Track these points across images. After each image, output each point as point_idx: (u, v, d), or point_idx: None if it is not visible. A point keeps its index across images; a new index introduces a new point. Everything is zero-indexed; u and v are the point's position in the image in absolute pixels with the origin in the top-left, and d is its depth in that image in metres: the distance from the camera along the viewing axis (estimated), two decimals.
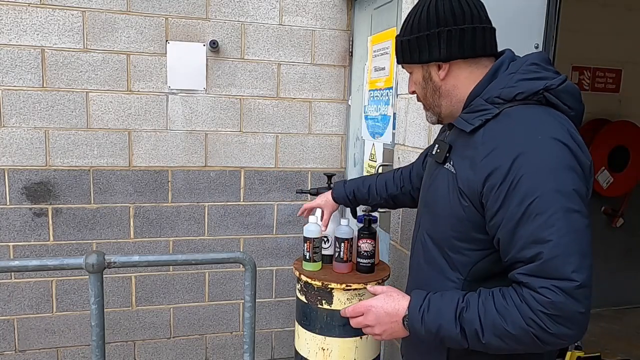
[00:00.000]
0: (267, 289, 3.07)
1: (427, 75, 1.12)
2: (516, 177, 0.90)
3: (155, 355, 2.97)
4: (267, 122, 2.93)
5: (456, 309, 0.95)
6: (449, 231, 1.06)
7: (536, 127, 0.93)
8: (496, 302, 0.92)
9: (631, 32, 3.77)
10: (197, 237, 2.92)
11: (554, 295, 0.86)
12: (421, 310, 0.99)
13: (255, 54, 2.86)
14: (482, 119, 1.00)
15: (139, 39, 2.69)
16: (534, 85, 0.98)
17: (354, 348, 1.88)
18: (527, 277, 0.89)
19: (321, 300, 1.84)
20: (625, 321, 3.87)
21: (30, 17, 2.54)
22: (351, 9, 2.95)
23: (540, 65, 1.01)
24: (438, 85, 1.11)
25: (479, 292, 0.96)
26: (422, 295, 1.02)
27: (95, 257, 1.49)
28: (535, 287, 0.88)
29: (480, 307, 0.93)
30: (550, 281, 0.86)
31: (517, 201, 0.90)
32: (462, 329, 0.94)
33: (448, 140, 1.12)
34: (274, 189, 3.00)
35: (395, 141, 2.22)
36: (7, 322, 2.73)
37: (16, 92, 2.58)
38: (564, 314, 0.86)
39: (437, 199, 1.10)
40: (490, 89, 1.03)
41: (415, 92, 1.19)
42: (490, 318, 0.91)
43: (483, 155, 0.96)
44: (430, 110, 1.17)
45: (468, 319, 0.93)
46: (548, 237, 0.87)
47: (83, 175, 2.71)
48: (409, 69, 1.17)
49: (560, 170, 0.89)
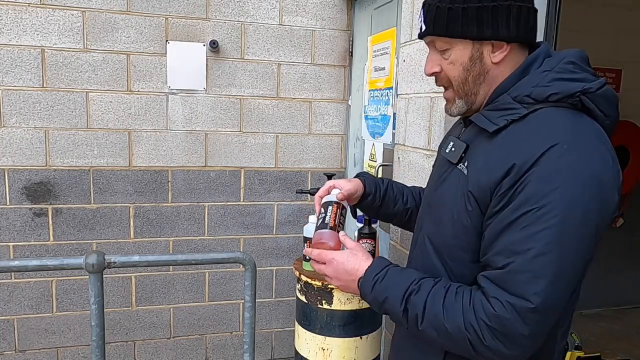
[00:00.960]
0: (267, 289, 3.07)
1: (478, 55, 0.94)
2: (527, 179, 0.81)
3: (155, 355, 2.97)
4: (267, 122, 2.93)
5: (407, 289, 0.93)
6: (452, 239, 0.96)
7: (569, 134, 0.83)
8: (446, 297, 0.89)
9: (631, 32, 3.76)
10: (197, 237, 2.92)
11: (501, 309, 0.81)
12: (375, 277, 0.97)
13: (255, 54, 2.86)
14: (508, 119, 0.89)
15: (139, 39, 2.69)
16: (570, 87, 0.87)
17: (354, 348, 1.88)
18: (487, 281, 0.85)
19: (321, 300, 1.84)
20: (625, 321, 3.87)
21: (30, 17, 2.54)
22: (351, 9, 2.95)
23: (578, 65, 0.90)
24: (487, 69, 0.95)
25: (436, 281, 0.93)
26: (384, 264, 1.00)
27: (95, 257, 1.49)
28: (489, 295, 0.83)
29: (430, 296, 0.90)
30: (505, 295, 0.81)
31: (516, 205, 0.82)
32: (406, 309, 0.92)
33: (464, 138, 1.00)
34: (274, 189, 3.00)
35: (395, 141, 2.22)
36: (7, 322, 2.73)
37: (16, 92, 2.58)
38: (505, 331, 0.81)
39: (445, 201, 0.99)
40: (520, 86, 0.91)
41: (436, 74, 1.00)
42: (433, 310, 0.89)
43: (502, 155, 0.86)
44: (464, 99, 0.99)
45: (414, 302, 0.91)
46: (527, 250, 0.80)
47: (83, 175, 2.71)
48: (444, 44, 0.96)
49: (584, 189, 0.80)
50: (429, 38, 0.99)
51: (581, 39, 3.65)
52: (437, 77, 1.01)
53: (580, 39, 3.66)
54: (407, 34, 2.05)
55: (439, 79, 1.01)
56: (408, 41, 2.05)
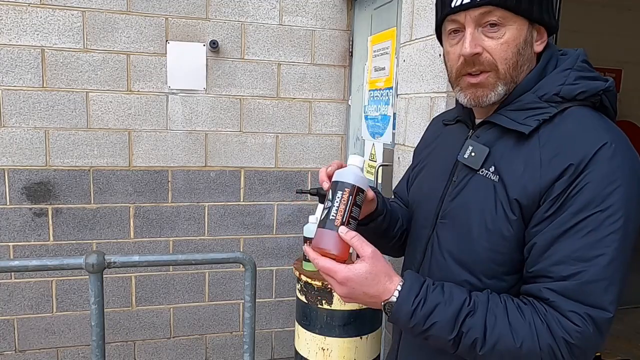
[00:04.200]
0: (267, 289, 3.07)
1: (530, 39, 0.87)
2: (583, 181, 0.76)
3: (155, 355, 2.97)
4: (267, 122, 2.93)
5: (459, 311, 0.79)
6: (488, 252, 0.85)
7: (609, 135, 0.79)
8: (510, 315, 0.78)
9: (631, 32, 3.77)
10: (197, 237, 2.92)
11: (583, 323, 0.74)
12: (416, 302, 0.80)
13: (255, 54, 2.86)
14: (540, 120, 0.83)
15: (139, 39, 2.69)
16: (595, 85, 0.84)
17: (354, 348, 1.88)
18: (556, 295, 0.76)
19: (321, 300, 1.84)
20: (625, 321, 3.87)
21: (30, 17, 2.54)
22: (351, 9, 2.94)
23: (589, 64, 0.88)
24: (532, 57, 0.89)
25: (488, 297, 0.82)
26: (419, 281, 0.83)
27: (95, 257, 1.49)
28: (564, 309, 0.75)
29: (490, 316, 0.79)
30: (583, 307, 0.75)
31: (575, 209, 0.76)
32: (460, 334, 0.79)
33: (483, 141, 0.90)
34: (274, 189, 3.00)
35: (395, 141, 2.22)
36: (7, 322, 2.73)
37: (16, 92, 2.58)
38: (585, 347, 0.76)
39: (470, 212, 0.88)
40: (545, 85, 0.86)
41: (477, 55, 0.85)
42: (498, 331, 0.77)
43: (550, 157, 0.80)
44: (509, 85, 0.87)
45: (471, 325, 0.78)
46: (598, 256, 0.75)
47: (83, 175, 2.71)
48: (502, 19, 0.84)
49: (639, 185, 0.77)
50: (484, 9, 0.83)
51: (581, 39, 3.66)
52: (475, 59, 0.86)
53: (580, 39, 3.66)
54: (407, 34, 2.05)
55: (477, 62, 0.86)
56: (408, 41, 2.05)
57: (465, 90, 0.90)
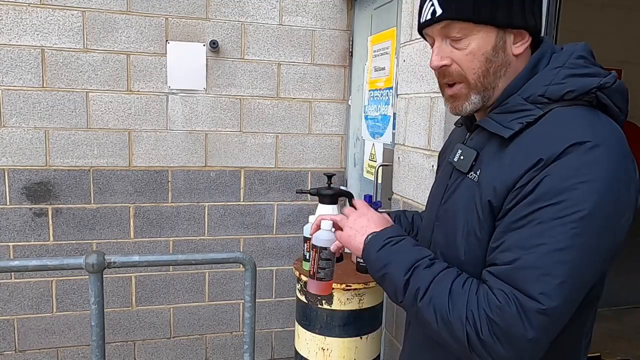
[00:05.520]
0: (267, 289, 3.07)
1: (501, 44, 0.85)
2: (545, 174, 0.75)
3: (155, 355, 2.97)
4: (267, 122, 2.93)
5: (418, 260, 0.86)
6: (466, 254, 0.88)
7: (587, 135, 0.75)
8: (455, 281, 0.81)
9: (631, 32, 3.77)
10: (197, 237, 2.92)
11: (506, 301, 0.74)
12: (389, 239, 0.91)
13: (255, 54, 2.86)
14: (523, 122, 0.81)
15: (139, 39, 2.69)
16: (586, 83, 0.80)
17: (354, 348, 1.88)
18: (491, 276, 0.78)
19: (321, 301, 1.84)
20: (625, 321, 3.87)
21: (30, 17, 2.54)
22: (351, 9, 2.94)
23: (588, 59, 0.84)
24: (509, 61, 0.86)
25: (449, 265, 0.86)
26: (399, 232, 0.95)
27: (95, 257, 1.49)
28: (494, 287, 0.76)
29: (439, 275, 0.83)
30: (511, 288, 0.74)
31: (530, 200, 0.75)
32: (409, 280, 0.85)
33: (473, 145, 0.92)
34: (274, 189, 3.00)
35: (395, 141, 2.22)
36: (7, 322, 2.73)
37: (16, 92, 2.58)
38: (506, 328, 0.73)
39: (455, 214, 0.90)
40: (531, 86, 0.84)
41: (445, 67, 0.88)
42: (438, 289, 0.81)
43: (520, 156, 0.79)
44: (482, 94, 0.88)
45: (420, 275, 0.84)
46: (537, 245, 0.73)
47: (83, 175, 2.71)
48: (463, 30, 0.85)
49: (606, 186, 0.73)
50: (443, 24, 0.85)
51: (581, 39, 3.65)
52: (445, 71, 0.88)
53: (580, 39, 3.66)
54: (407, 34, 2.06)
55: (447, 74, 0.88)
56: (408, 41, 2.05)
57: (446, 101, 0.94)
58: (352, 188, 2.90)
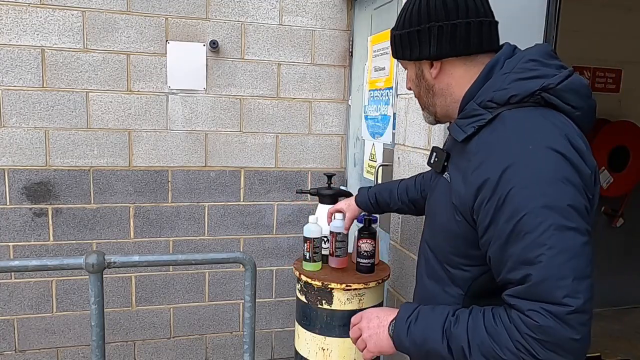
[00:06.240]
0: (267, 289, 3.07)
1: (420, 72, 1.06)
2: (505, 190, 0.83)
3: (155, 355, 2.97)
4: (267, 122, 2.93)
5: (444, 323, 0.91)
6: (446, 246, 1.02)
7: (529, 135, 0.85)
8: (486, 321, 0.86)
9: (631, 32, 3.76)
10: (197, 237, 2.92)
11: (542, 319, 0.79)
12: (409, 320, 0.96)
13: (255, 54, 2.86)
14: (475, 126, 0.93)
15: (139, 39, 2.69)
16: (528, 86, 0.89)
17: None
18: (515, 299, 0.83)
19: (321, 300, 1.84)
20: (625, 321, 3.87)
21: (30, 17, 2.54)
22: (351, 9, 2.95)
23: (539, 62, 0.91)
24: (431, 84, 1.05)
25: (470, 309, 0.91)
26: (412, 307, 0.99)
27: (95, 257, 1.49)
28: (524, 309, 0.81)
29: (470, 324, 0.88)
30: (539, 304, 0.80)
31: (506, 217, 0.83)
32: (449, 346, 0.89)
33: (447, 147, 1.06)
34: (274, 189, 3.00)
35: (395, 141, 2.22)
36: (7, 322, 2.73)
37: (16, 92, 2.58)
38: (554, 340, 0.79)
39: (436, 210, 1.05)
40: (483, 92, 0.94)
41: (411, 89, 1.14)
42: (478, 337, 0.86)
43: (474, 168, 0.89)
44: (426, 110, 1.11)
45: (455, 334, 0.88)
46: (537, 257, 0.80)
47: (83, 175, 2.71)
48: (403, 64, 1.12)
49: (553, 183, 0.81)
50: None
51: (581, 39, 3.66)
52: None
53: (580, 39, 3.67)
54: None
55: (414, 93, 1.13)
56: None
57: None
58: (352, 188, 2.90)
